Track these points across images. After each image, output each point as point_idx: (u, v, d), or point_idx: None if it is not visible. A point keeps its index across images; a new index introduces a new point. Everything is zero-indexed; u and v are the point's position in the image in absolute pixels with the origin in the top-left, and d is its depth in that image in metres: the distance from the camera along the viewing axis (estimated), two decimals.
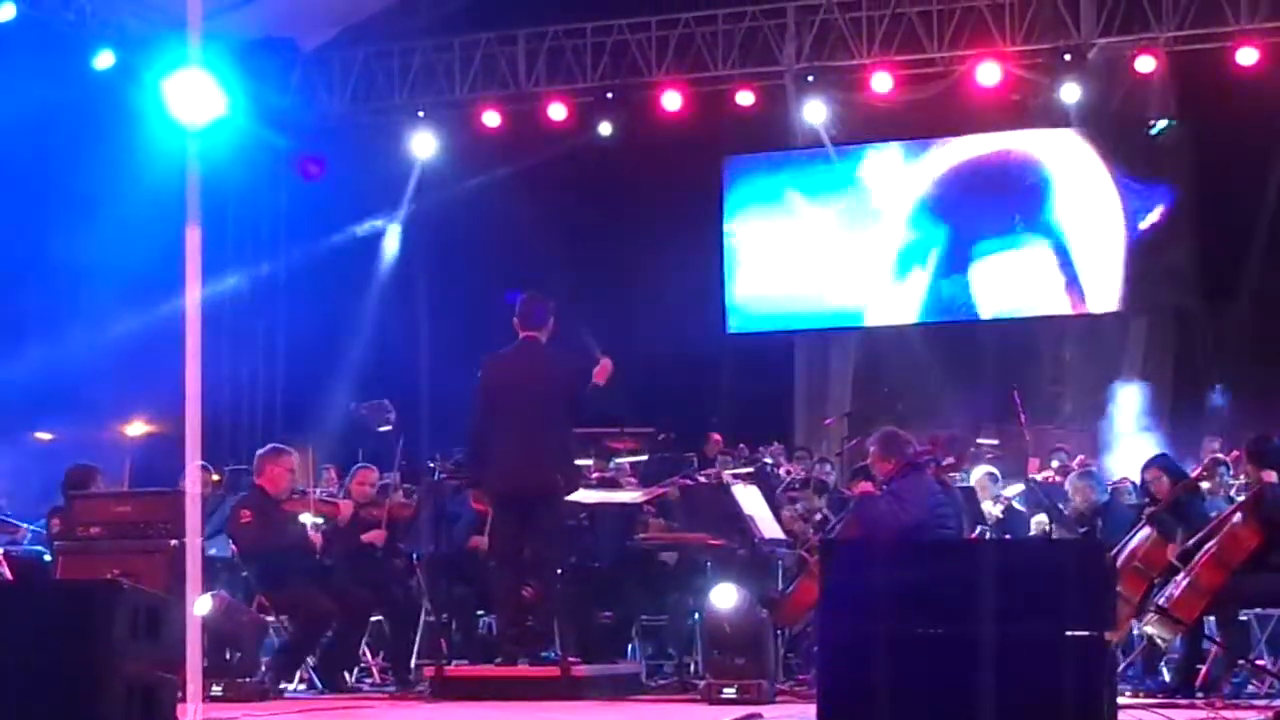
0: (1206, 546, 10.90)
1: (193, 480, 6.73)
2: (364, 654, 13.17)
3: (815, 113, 21.68)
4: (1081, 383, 21.70)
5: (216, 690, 10.77)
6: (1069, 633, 6.90)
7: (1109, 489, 14.40)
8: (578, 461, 12.77)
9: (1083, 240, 21.94)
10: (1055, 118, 21.50)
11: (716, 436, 19.01)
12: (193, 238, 6.14)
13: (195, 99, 7.91)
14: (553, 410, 11.47)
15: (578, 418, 11.99)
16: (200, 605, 10.53)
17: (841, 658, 7.20)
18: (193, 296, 5.93)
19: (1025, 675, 6.84)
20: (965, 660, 6.84)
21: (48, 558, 12.64)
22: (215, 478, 16.08)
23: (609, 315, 17.19)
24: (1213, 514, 11.66)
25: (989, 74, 20.63)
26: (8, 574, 12.80)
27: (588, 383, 11.53)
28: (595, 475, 14.47)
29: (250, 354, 23.36)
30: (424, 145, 22.69)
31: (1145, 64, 20.35)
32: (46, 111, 18.31)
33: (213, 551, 12.48)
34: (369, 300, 21.98)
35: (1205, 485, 12.72)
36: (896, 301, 22.68)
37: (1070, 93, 20.74)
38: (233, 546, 12.48)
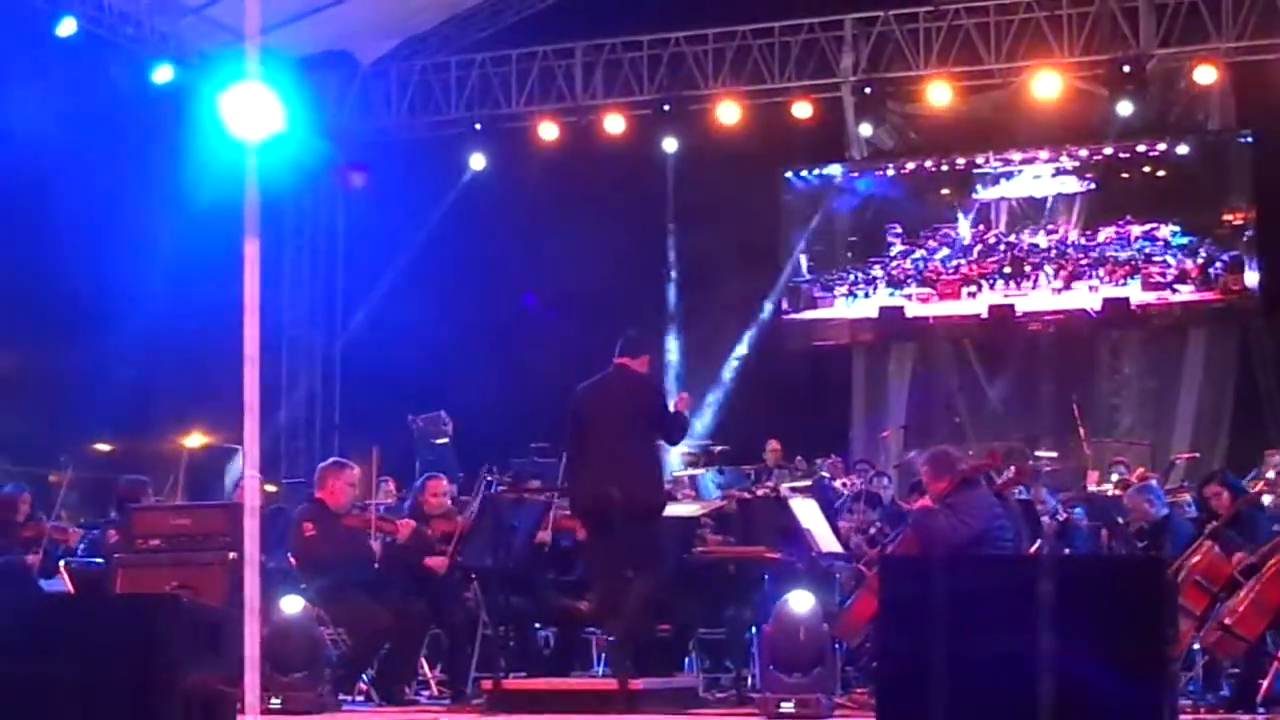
0: (1270, 562, 10.80)
1: (252, 492, 6.76)
2: (421, 666, 13.18)
3: (871, 125, 21.69)
4: (1140, 395, 21.58)
5: (275, 703, 10.79)
6: (1129, 649, 6.84)
7: (1168, 503, 14.27)
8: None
9: None
10: (1113, 130, 21.41)
11: (776, 445, 18.96)
12: (251, 251, 6.17)
13: (254, 113, 7.91)
14: (642, 431, 11.59)
15: (667, 439, 12.10)
16: (290, 604, 10.64)
17: (900, 672, 7.16)
18: (251, 309, 5.96)
19: (1085, 692, 6.79)
20: (1024, 676, 6.79)
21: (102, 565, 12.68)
22: (271, 489, 16.11)
23: (666, 329, 17.23)
24: (1276, 528, 11.55)
25: (1047, 85, 20.60)
26: (69, 586, 12.87)
27: (668, 409, 11.73)
28: None
29: (308, 367, 23.53)
30: (479, 159, 22.78)
31: (1205, 74, 20.29)
32: (105, 126, 18.45)
33: (270, 565, 12.49)
34: (426, 312, 21.93)
35: (1267, 500, 12.62)
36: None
37: (1127, 107, 20.69)
38: (291, 559, 12.48)
